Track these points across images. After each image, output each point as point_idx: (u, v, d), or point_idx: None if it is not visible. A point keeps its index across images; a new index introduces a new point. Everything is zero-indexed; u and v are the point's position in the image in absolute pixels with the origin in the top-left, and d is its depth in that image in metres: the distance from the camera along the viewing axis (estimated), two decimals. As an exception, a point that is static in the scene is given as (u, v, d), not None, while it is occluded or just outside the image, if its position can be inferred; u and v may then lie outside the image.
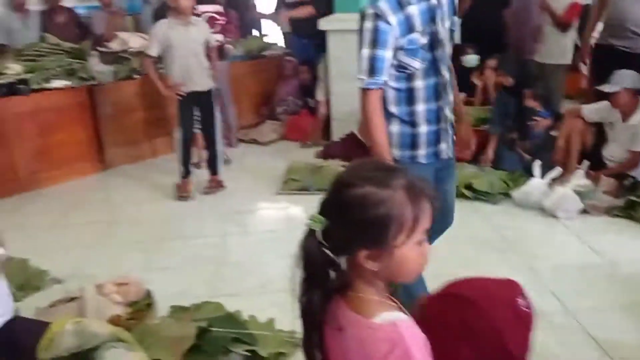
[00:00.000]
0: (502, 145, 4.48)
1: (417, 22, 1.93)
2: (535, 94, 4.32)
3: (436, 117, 2.07)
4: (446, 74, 2.07)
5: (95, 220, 4.05)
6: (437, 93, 2.05)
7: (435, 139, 2.09)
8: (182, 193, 4.31)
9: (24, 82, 4.49)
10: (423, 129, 2.05)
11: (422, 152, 2.09)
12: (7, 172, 4.47)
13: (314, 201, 1.10)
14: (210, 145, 4.44)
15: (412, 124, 2.05)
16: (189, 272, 3.21)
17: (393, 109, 2.05)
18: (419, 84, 2.02)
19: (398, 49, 1.94)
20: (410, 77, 2.00)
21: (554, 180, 3.86)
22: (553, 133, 4.29)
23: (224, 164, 4.80)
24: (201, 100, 4.22)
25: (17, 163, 4.54)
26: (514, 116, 4.47)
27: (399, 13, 1.90)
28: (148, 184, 4.69)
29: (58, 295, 2.83)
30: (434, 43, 1.98)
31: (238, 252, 3.50)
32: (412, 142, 2.07)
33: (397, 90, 2.02)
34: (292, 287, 1.08)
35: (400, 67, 1.98)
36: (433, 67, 2.01)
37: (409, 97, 2.03)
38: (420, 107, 2.04)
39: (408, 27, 1.92)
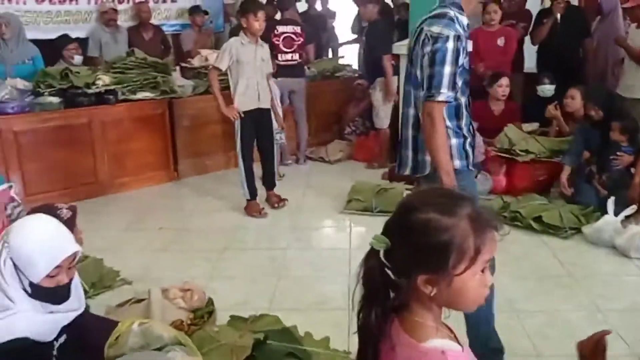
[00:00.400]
0: (579, 177, 4.33)
1: (467, 47, 2.21)
2: (623, 127, 4.14)
3: (470, 128, 2.31)
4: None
5: (165, 226, 4.23)
6: (468, 108, 2.29)
7: (472, 148, 2.33)
8: (253, 213, 4.40)
9: (111, 92, 4.79)
10: (469, 139, 2.29)
11: (470, 161, 2.31)
12: (90, 176, 4.76)
13: (377, 222, 1.13)
14: (268, 161, 4.55)
15: (464, 135, 2.27)
16: (250, 283, 3.30)
17: (447, 122, 2.22)
18: (462, 100, 2.25)
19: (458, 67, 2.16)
20: (455, 94, 2.20)
21: (628, 218, 3.68)
22: (633, 170, 4.10)
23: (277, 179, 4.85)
24: (262, 117, 4.36)
25: (99, 167, 4.83)
26: (596, 149, 4.32)
27: (464, 37, 2.15)
28: (217, 195, 4.85)
29: (127, 296, 2.99)
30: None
31: (298, 267, 3.56)
32: (465, 152, 2.27)
33: (449, 106, 2.20)
34: (350, 305, 1.11)
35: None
36: (465, 86, 2.25)
37: (456, 112, 2.25)
38: (464, 121, 2.27)
39: (465, 50, 2.18)
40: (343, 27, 8.06)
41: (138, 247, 3.86)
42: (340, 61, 7.09)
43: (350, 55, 7.69)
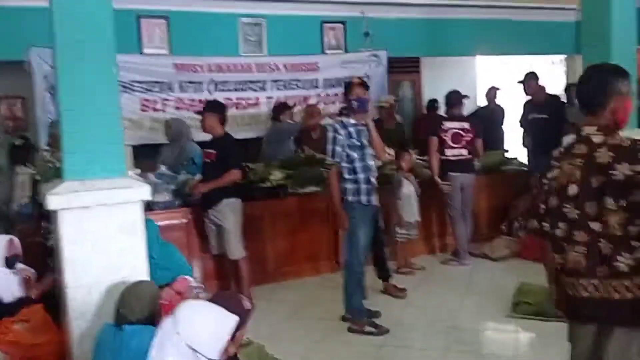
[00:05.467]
0: None
1: None
2: None
3: None
4: None
5: (325, 316, 4.30)
6: None
7: None
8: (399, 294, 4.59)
9: (282, 187, 5.18)
10: None
11: None
12: (259, 264, 5.08)
13: (548, 328, 1.05)
14: (381, 251, 4.58)
15: None
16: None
17: None
18: None
19: None
20: None
21: None
22: None
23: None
24: (375, 215, 4.26)
25: (267, 257, 5.15)
26: None
27: None
28: (377, 288, 4.83)
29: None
30: None
31: (458, 372, 3.37)
32: None
33: None
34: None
35: None
36: None
37: None
38: None
39: None
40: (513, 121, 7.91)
41: (298, 336, 3.96)
42: (506, 155, 6.88)
43: (516, 149, 7.45)
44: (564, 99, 6.77)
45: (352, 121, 4.03)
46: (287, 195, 5.22)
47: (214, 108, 4.59)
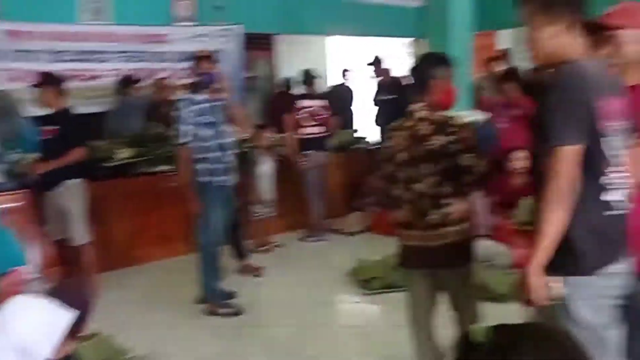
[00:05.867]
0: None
1: None
2: None
3: None
4: None
5: (180, 300, 4.14)
6: None
7: None
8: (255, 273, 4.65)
9: (130, 165, 4.85)
10: None
11: None
12: (106, 249, 4.71)
13: (400, 298, 1.05)
14: (236, 230, 4.62)
15: None
16: (265, 363, 3.16)
17: None
18: None
19: None
20: None
21: None
22: None
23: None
24: (231, 194, 4.19)
25: (115, 240, 4.81)
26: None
27: None
28: (234, 267, 4.76)
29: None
30: None
31: (316, 346, 3.42)
32: None
33: None
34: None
35: None
36: None
37: None
38: None
39: None
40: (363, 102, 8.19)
41: (151, 322, 3.76)
42: (355, 134, 7.12)
43: (368, 128, 7.74)
44: (410, 81, 7.16)
45: (203, 97, 3.84)
46: (136, 175, 4.91)
47: (50, 80, 4.15)
